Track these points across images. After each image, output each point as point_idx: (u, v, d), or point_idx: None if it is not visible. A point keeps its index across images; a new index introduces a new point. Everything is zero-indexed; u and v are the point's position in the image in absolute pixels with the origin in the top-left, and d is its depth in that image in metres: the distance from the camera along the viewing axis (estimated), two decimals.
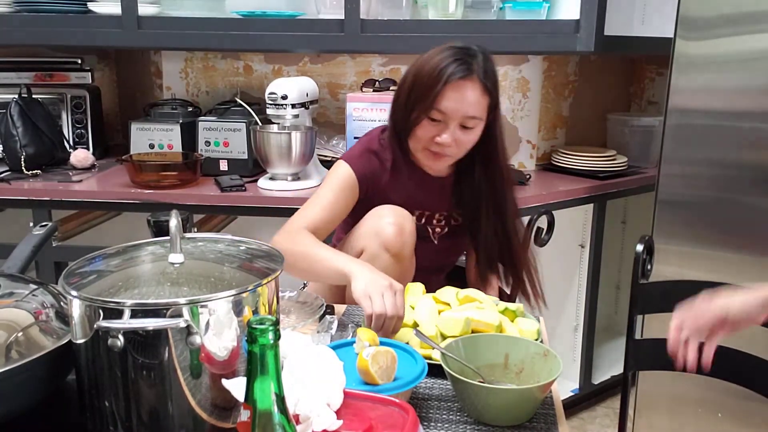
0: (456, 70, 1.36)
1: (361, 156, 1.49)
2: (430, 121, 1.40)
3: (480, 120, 1.41)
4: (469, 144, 1.43)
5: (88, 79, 2.40)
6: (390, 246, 1.35)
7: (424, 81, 1.38)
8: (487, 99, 1.41)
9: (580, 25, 1.97)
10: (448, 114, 1.38)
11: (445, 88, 1.36)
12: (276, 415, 0.60)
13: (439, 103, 1.37)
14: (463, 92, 1.37)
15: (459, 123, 1.39)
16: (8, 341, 0.83)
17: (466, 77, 1.37)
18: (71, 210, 2.13)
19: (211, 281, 0.82)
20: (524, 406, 0.93)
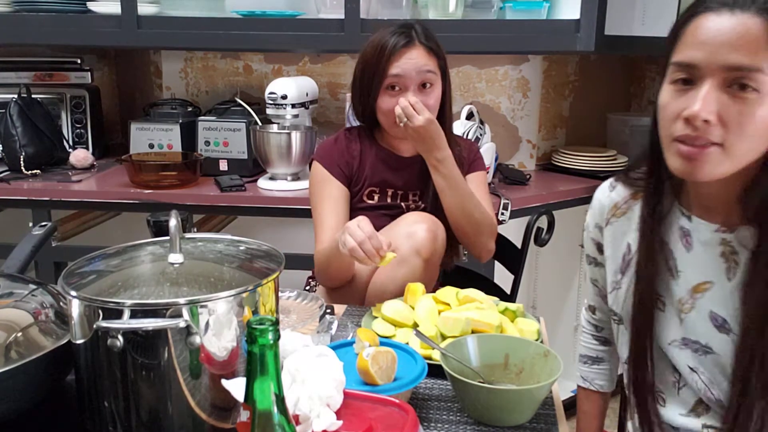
0: (397, 40, 1.45)
1: (329, 150, 1.56)
2: (390, 92, 1.46)
3: (435, 75, 1.47)
4: (434, 103, 1.47)
5: (87, 79, 2.40)
6: (422, 251, 1.36)
7: (371, 60, 1.46)
8: (435, 58, 1.48)
9: (581, 24, 1.97)
10: (404, 76, 1.44)
11: (391, 58, 1.44)
12: (276, 416, 0.60)
13: (391, 71, 1.44)
14: (410, 56, 1.44)
15: (417, 83, 1.45)
16: (7, 341, 0.83)
17: (408, 44, 1.45)
18: (71, 210, 2.13)
19: (210, 281, 0.81)
20: (524, 407, 0.93)
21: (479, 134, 2.05)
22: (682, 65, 0.85)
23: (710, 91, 0.82)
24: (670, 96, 0.87)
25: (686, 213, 0.97)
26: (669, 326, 0.99)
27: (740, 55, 0.80)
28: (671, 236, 0.99)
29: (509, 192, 2.08)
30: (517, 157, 2.44)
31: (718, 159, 0.84)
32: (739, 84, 0.81)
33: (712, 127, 0.82)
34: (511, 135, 2.42)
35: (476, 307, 1.16)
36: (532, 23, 2.04)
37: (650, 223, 0.99)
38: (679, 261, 0.98)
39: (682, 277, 0.97)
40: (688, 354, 0.98)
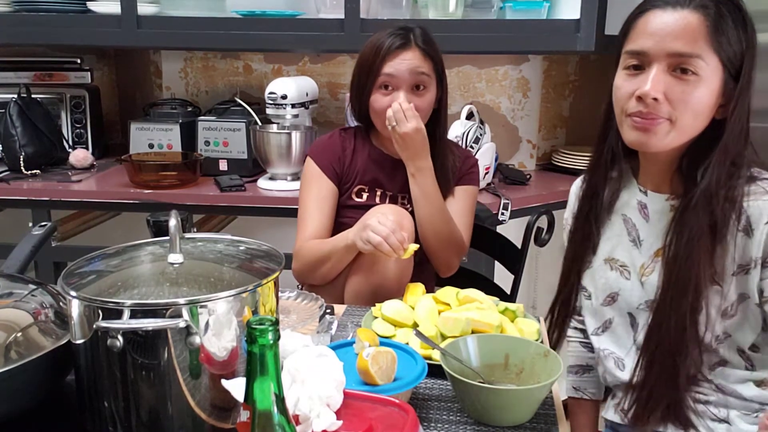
0: (393, 41, 1.46)
1: (323, 146, 1.58)
2: (382, 92, 1.47)
3: (429, 78, 1.48)
4: (426, 106, 1.48)
5: (87, 79, 2.40)
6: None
7: (367, 60, 1.47)
8: (430, 63, 1.48)
9: (581, 24, 1.97)
10: (397, 77, 1.45)
11: (386, 58, 1.45)
12: (275, 416, 0.60)
13: (385, 71, 1.45)
14: (404, 57, 1.45)
15: (410, 86, 1.46)
16: (7, 342, 0.83)
17: (404, 45, 1.46)
18: (70, 210, 2.13)
19: (210, 281, 0.81)
20: (524, 407, 0.93)
21: (479, 134, 2.05)
22: (633, 53, 1.01)
23: (658, 73, 0.98)
24: (623, 79, 1.03)
25: (642, 189, 1.11)
26: (633, 292, 1.10)
27: (682, 43, 0.96)
28: (631, 210, 1.12)
29: (509, 192, 2.08)
30: (517, 157, 2.44)
31: (666, 130, 0.99)
32: (681, 68, 0.97)
33: (661, 104, 0.98)
34: (511, 135, 2.42)
35: (476, 307, 1.16)
36: (532, 23, 2.04)
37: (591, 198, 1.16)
38: (641, 231, 1.11)
39: (644, 245, 1.10)
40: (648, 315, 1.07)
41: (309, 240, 1.49)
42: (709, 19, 0.95)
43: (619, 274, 1.12)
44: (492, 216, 1.92)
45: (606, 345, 1.16)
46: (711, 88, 0.97)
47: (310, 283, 1.52)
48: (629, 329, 1.12)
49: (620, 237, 1.13)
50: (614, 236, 1.14)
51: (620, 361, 1.13)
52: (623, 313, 1.12)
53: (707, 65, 0.96)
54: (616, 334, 1.14)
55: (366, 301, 1.39)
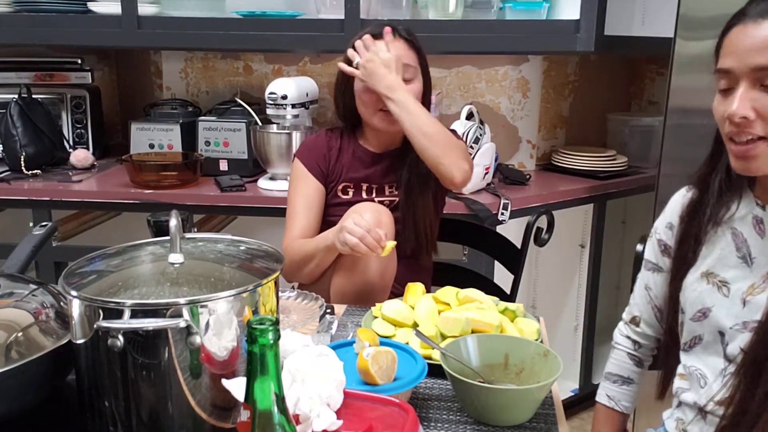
0: (373, 30, 1.48)
1: (309, 146, 1.59)
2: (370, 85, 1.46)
3: (415, 69, 1.49)
4: (415, 96, 1.48)
5: (88, 79, 2.40)
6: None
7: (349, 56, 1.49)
8: (415, 54, 1.50)
9: (580, 25, 1.97)
10: None
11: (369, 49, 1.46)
12: (276, 415, 0.60)
13: None
14: (390, 47, 1.45)
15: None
16: (8, 341, 0.83)
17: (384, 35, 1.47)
18: (71, 210, 2.13)
19: (210, 281, 0.82)
20: (524, 406, 0.93)
21: (479, 134, 2.05)
22: (721, 71, 0.97)
23: (745, 91, 0.93)
24: (718, 102, 0.99)
25: (760, 203, 1.04)
26: (730, 311, 1.04)
27: (765, 56, 0.91)
28: (744, 225, 1.05)
29: (509, 192, 2.08)
30: (516, 157, 2.44)
31: (766, 151, 0.94)
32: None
33: (753, 122, 0.93)
34: (511, 135, 2.42)
35: (476, 307, 1.16)
36: (531, 23, 2.04)
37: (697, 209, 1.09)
38: (753, 248, 1.04)
39: (756, 263, 1.03)
40: (746, 336, 1.01)
41: (296, 239, 1.50)
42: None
43: (717, 289, 1.06)
44: (492, 216, 1.92)
45: (693, 362, 1.09)
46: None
47: (297, 282, 1.53)
48: (719, 348, 1.05)
49: (725, 251, 1.06)
50: (718, 250, 1.07)
51: (704, 378, 1.07)
52: (714, 331, 1.06)
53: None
54: (706, 351, 1.08)
55: (351, 300, 1.39)
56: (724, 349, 1.05)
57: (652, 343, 1.21)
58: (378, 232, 1.28)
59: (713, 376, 1.06)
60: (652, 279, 1.18)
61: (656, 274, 1.17)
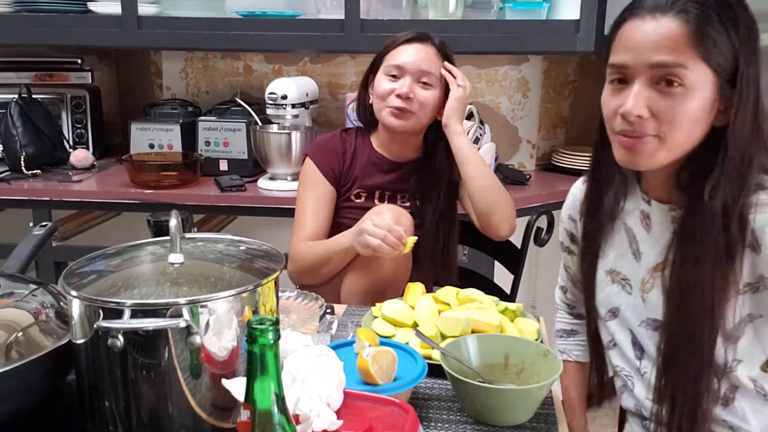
0: (409, 34, 1.51)
1: (323, 147, 1.58)
2: (389, 78, 1.49)
3: (436, 78, 1.49)
4: (428, 103, 1.49)
5: (88, 79, 2.40)
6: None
7: (380, 52, 1.53)
8: (442, 64, 1.51)
9: (580, 25, 1.97)
10: (404, 67, 1.47)
11: (398, 46, 1.49)
12: (276, 415, 0.60)
13: (394, 58, 1.48)
14: (417, 50, 1.49)
15: (415, 78, 1.47)
16: (8, 341, 0.83)
17: (420, 38, 1.50)
18: (71, 210, 2.13)
19: (211, 281, 0.82)
20: (524, 406, 0.93)
21: (479, 134, 2.05)
22: (615, 66, 0.95)
23: (640, 89, 0.91)
24: (609, 94, 0.97)
25: (646, 198, 1.05)
26: (636, 308, 1.06)
27: (663, 54, 0.88)
28: (633, 220, 1.06)
29: (509, 192, 2.07)
30: (516, 158, 2.44)
31: (654, 148, 0.92)
32: (666, 80, 0.89)
33: (646, 121, 0.91)
34: (511, 135, 2.42)
35: (476, 306, 1.16)
36: (531, 23, 2.04)
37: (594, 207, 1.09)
38: (641, 243, 1.05)
39: (643, 259, 1.04)
40: (654, 334, 1.03)
41: (305, 241, 1.50)
42: (691, 25, 0.87)
43: (621, 288, 1.07)
44: None
45: (617, 362, 1.11)
46: (702, 98, 0.89)
47: (306, 284, 1.52)
48: (632, 347, 1.08)
49: (622, 248, 1.08)
50: (616, 246, 1.08)
51: (630, 379, 1.09)
52: (626, 330, 1.08)
53: (694, 74, 0.88)
54: (622, 351, 1.10)
55: (363, 300, 1.39)
56: (636, 349, 1.07)
57: (583, 303, 1.22)
58: (398, 230, 1.29)
59: (637, 376, 1.08)
60: (569, 259, 1.24)
61: (570, 255, 1.23)
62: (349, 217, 1.53)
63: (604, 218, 1.08)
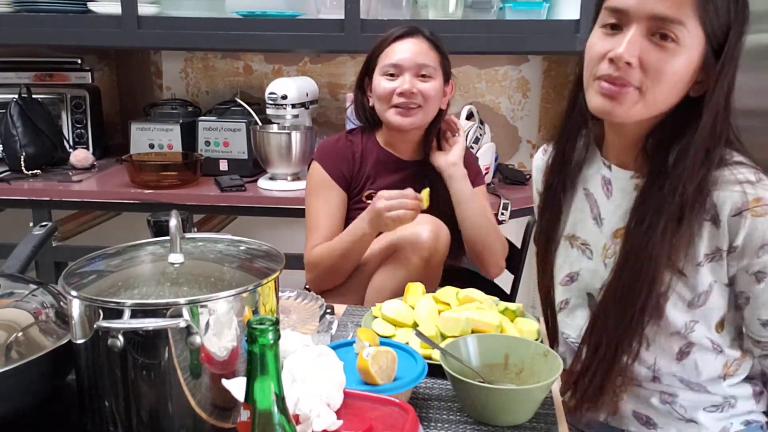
0: (398, 30, 1.50)
1: (330, 151, 1.57)
2: (387, 77, 1.48)
3: (434, 69, 1.49)
4: (431, 94, 1.49)
5: (88, 79, 2.40)
6: (424, 251, 1.38)
7: (372, 51, 1.53)
8: (437, 55, 1.51)
9: (580, 25, 1.97)
10: (401, 64, 1.47)
11: (391, 44, 1.49)
12: (276, 415, 0.60)
13: (389, 57, 1.48)
14: (410, 45, 1.48)
15: (414, 73, 1.47)
16: (8, 341, 0.83)
17: (411, 33, 1.49)
18: (71, 210, 2.13)
19: (210, 281, 0.81)
20: (524, 407, 0.93)
21: (479, 134, 2.05)
22: (613, 10, 0.92)
23: (635, 36, 0.89)
24: (599, 38, 0.94)
25: (607, 163, 1.05)
26: (596, 273, 1.06)
27: (665, 7, 0.87)
28: (594, 186, 1.07)
29: (509, 192, 2.08)
30: (517, 158, 2.44)
31: (634, 100, 0.92)
32: (661, 33, 0.89)
33: (633, 70, 0.90)
34: (511, 135, 2.42)
35: (476, 306, 1.16)
36: (531, 23, 2.04)
37: (559, 168, 1.09)
38: (602, 209, 1.05)
39: (605, 224, 1.05)
40: None
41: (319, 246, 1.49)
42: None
43: (581, 253, 1.08)
44: None
45: (564, 328, 1.13)
46: (690, 60, 0.89)
47: (327, 288, 1.51)
48: (586, 312, 1.08)
49: (582, 213, 1.08)
50: (577, 211, 1.09)
51: (576, 345, 1.09)
52: (582, 294, 1.09)
53: (689, 34, 0.88)
54: (573, 315, 1.11)
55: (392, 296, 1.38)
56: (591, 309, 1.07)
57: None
58: (409, 192, 1.33)
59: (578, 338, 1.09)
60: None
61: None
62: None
63: (566, 180, 1.08)
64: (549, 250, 1.13)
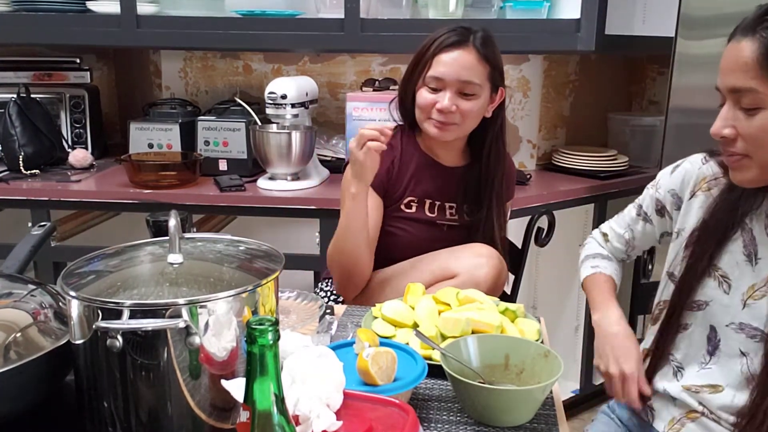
0: (449, 36, 1.42)
1: None
2: (429, 90, 1.43)
3: (479, 86, 1.42)
4: (472, 113, 1.43)
5: (86, 79, 2.39)
6: (482, 285, 1.34)
7: (419, 54, 1.44)
8: (486, 67, 1.43)
9: (581, 24, 1.97)
10: (444, 79, 1.41)
11: (438, 54, 1.41)
12: (275, 416, 0.60)
13: (434, 68, 1.42)
14: (457, 57, 1.41)
15: (457, 89, 1.41)
16: (7, 342, 0.83)
17: (460, 43, 1.41)
18: (70, 210, 2.13)
19: (210, 281, 0.81)
20: (525, 407, 0.92)
21: None
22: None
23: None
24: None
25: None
26: (729, 309, 1.03)
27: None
28: (758, 225, 1.02)
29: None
30: (517, 157, 2.44)
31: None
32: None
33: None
34: (512, 135, 2.41)
35: (476, 307, 1.16)
36: (532, 23, 2.04)
37: (731, 202, 1.03)
38: (760, 248, 1.01)
39: (760, 264, 1.01)
40: (743, 338, 1.01)
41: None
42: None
43: (717, 284, 1.04)
44: None
45: (674, 349, 1.10)
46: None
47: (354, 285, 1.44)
48: (704, 342, 1.06)
49: (734, 244, 1.03)
50: (729, 242, 1.04)
51: (680, 369, 1.08)
52: (705, 324, 1.06)
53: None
54: (691, 340, 1.08)
55: None
56: (712, 345, 1.05)
57: (618, 254, 1.27)
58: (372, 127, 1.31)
59: (691, 368, 1.07)
60: (639, 224, 1.22)
61: (645, 223, 1.21)
62: (400, 227, 1.48)
63: (736, 216, 1.03)
64: (692, 283, 1.07)
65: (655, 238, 1.22)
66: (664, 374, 1.11)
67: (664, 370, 1.11)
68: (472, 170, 1.53)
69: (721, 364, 1.04)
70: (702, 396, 1.05)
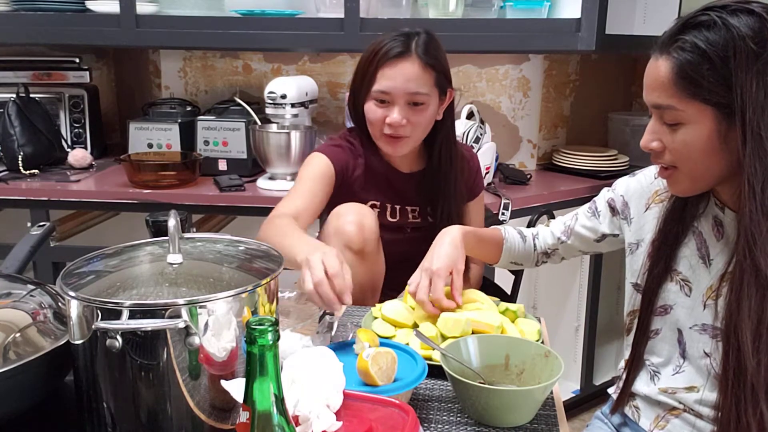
0: (390, 47, 1.38)
1: (335, 147, 1.50)
2: (378, 104, 1.41)
3: (427, 95, 1.41)
4: (424, 123, 1.43)
5: (86, 78, 2.39)
6: (351, 244, 1.33)
7: (363, 66, 1.42)
8: (431, 74, 1.41)
9: (581, 23, 1.97)
10: (391, 93, 1.39)
11: (381, 67, 1.39)
12: (275, 417, 0.60)
13: (379, 82, 1.39)
14: (401, 69, 1.38)
15: (406, 101, 1.40)
16: (6, 342, 0.83)
17: (402, 54, 1.38)
18: (69, 210, 2.13)
19: (209, 281, 0.81)
20: (525, 408, 0.92)
21: (479, 134, 2.05)
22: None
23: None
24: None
25: (719, 204, 1.04)
26: (692, 312, 1.05)
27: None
28: (706, 227, 1.06)
29: (510, 192, 2.07)
30: (517, 157, 2.43)
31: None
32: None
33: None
34: (512, 135, 2.41)
35: (476, 307, 1.16)
36: (532, 22, 2.04)
37: (679, 209, 1.07)
38: (711, 249, 1.04)
39: (713, 265, 1.04)
40: (706, 339, 1.03)
41: (285, 216, 1.36)
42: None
43: (679, 288, 1.07)
44: (492, 216, 1.92)
45: (649, 354, 1.12)
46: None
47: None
48: (675, 345, 1.08)
49: (687, 249, 1.07)
50: (682, 247, 1.07)
51: (657, 373, 1.10)
52: (673, 328, 1.08)
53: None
54: (659, 345, 1.10)
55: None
56: (682, 347, 1.07)
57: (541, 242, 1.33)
58: (343, 280, 1.06)
59: (666, 371, 1.09)
60: (585, 217, 1.25)
61: (592, 216, 1.24)
62: None
63: (685, 221, 1.07)
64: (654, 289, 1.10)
65: (595, 236, 1.24)
66: (642, 379, 1.13)
67: (641, 375, 1.13)
68: (430, 172, 1.53)
69: (694, 366, 1.06)
70: (679, 396, 1.07)
